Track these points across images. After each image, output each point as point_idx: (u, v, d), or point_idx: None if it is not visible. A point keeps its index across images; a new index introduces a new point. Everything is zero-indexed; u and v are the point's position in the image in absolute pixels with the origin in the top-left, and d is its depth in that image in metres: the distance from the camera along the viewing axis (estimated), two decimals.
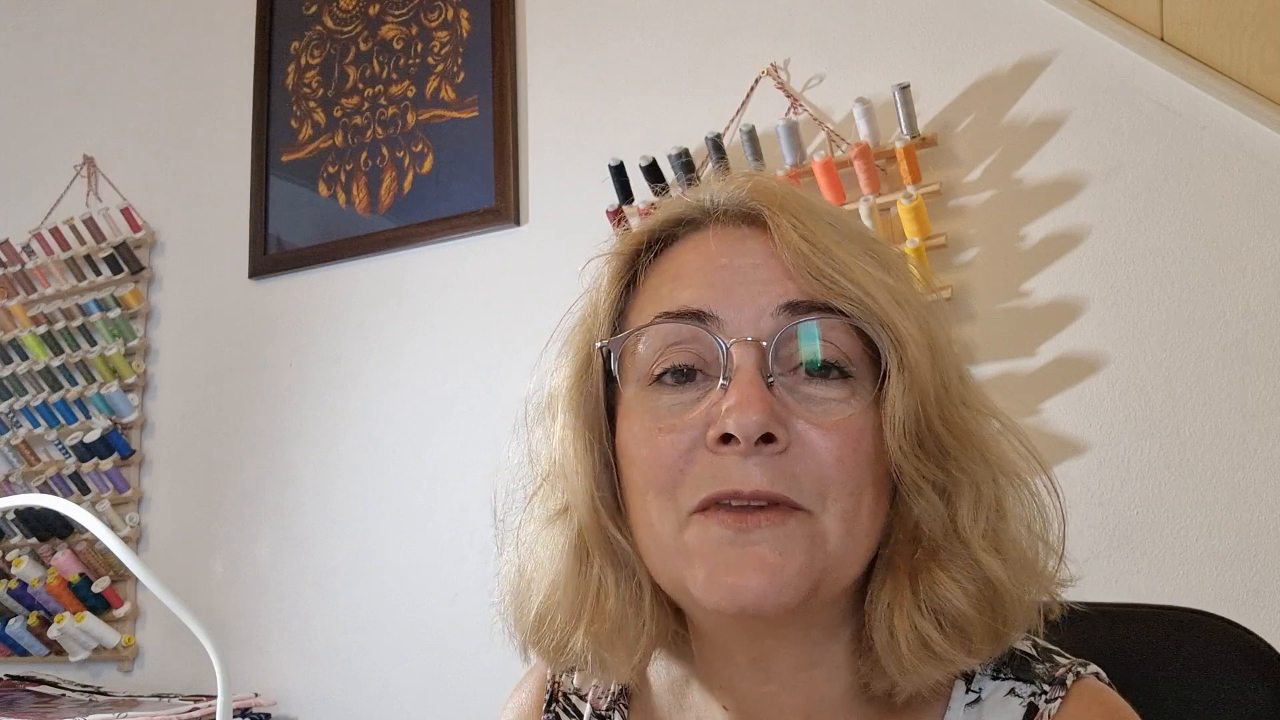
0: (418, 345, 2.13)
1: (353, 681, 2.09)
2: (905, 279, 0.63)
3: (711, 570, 0.58)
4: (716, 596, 0.57)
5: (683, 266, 0.64)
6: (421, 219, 2.14)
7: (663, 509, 0.60)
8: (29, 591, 2.32)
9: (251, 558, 2.24)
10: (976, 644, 0.60)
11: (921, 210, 1.62)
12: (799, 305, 0.60)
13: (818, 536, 0.58)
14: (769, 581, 0.57)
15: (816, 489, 0.58)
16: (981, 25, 1.69)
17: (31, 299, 2.55)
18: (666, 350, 0.62)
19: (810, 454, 0.58)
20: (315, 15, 2.35)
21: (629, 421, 0.63)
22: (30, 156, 2.71)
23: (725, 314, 0.60)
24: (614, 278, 0.67)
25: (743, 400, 0.57)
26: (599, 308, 0.67)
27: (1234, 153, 1.50)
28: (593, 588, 0.63)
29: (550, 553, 0.65)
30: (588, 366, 0.65)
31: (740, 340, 0.59)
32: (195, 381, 2.39)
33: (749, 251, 0.62)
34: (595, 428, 0.65)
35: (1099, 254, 1.57)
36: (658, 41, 1.97)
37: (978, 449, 0.62)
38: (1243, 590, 1.43)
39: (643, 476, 0.61)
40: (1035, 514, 0.63)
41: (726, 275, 0.62)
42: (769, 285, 0.61)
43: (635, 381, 0.63)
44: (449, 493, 2.04)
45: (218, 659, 0.91)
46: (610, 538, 0.63)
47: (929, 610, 0.59)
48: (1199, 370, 1.49)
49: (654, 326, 0.62)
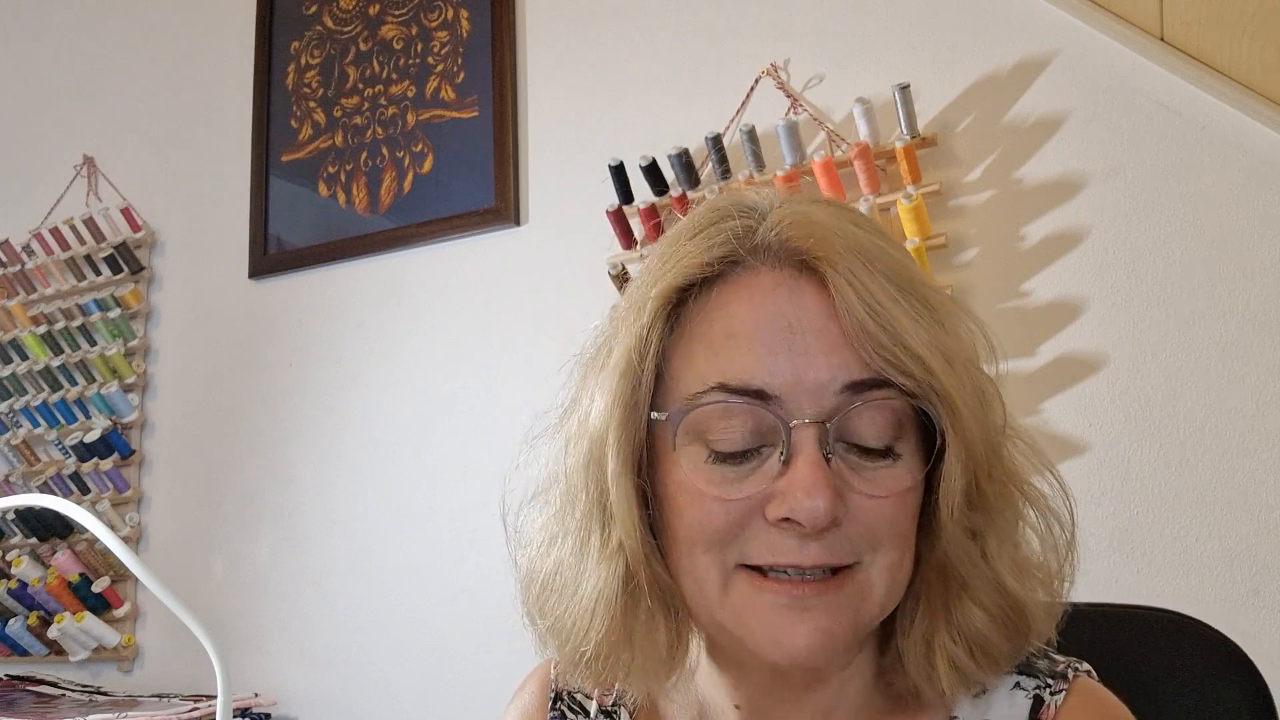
0: (418, 345, 2.13)
1: (353, 681, 2.09)
2: (954, 324, 0.62)
3: (767, 630, 0.59)
4: (771, 653, 0.60)
5: (736, 320, 0.61)
6: (421, 219, 2.14)
7: (709, 563, 0.61)
8: (29, 591, 2.32)
9: (251, 558, 2.24)
10: (1000, 663, 0.64)
11: (921, 210, 1.62)
12: (861, 384, 0.59)
13: (865, 590, 0.60)
14: (822, 641, 0.59)
15: (868, 544, 0.60)
16: (981, 25, 1.69)
17: (31, 299, 2.55)
18: (726, 425, 0.60)
19: (862, 519, 0.59)
20: (315, 15, 2.35)
21: (678, 474, 0.62)
22: (30, 156, 2.71)
23: (787, 391, 0.59)
24: (657, 317, 0.63)
25: (809, 488, 0.57)
26: (644, 351, 0.63)
27: (1234, 153, 1.50)
28: (643, 625, 0.64)
29: (598, 588, 0.64)
30: (633, 412, 0.63)
31: (802, 423, 0.58)
32: (195, 381, 2.39)
33: (806, 308, 0.60)
34: (640, 470, 0.63)
35: (1099, 254, 1.57)
36: (658, 41, 1.97)
37: (1017, 486, 0.64)
38: (1243, 590, 1.43)
39: (689, 532, 0.61)
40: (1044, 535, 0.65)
41: (784, 342, 0.59)
42: (830, 356, 0.59)
43: (694, 440, 0.61)
44: (449, 493, 2.04)
45: (218, 659, 0.91)
46: (658, 577, 0.63)
47: (961, 637, 0.62)
48: (1199, 370, 1.49)
49: (714, 403, 0.60)
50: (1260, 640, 1.41)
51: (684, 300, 0.63)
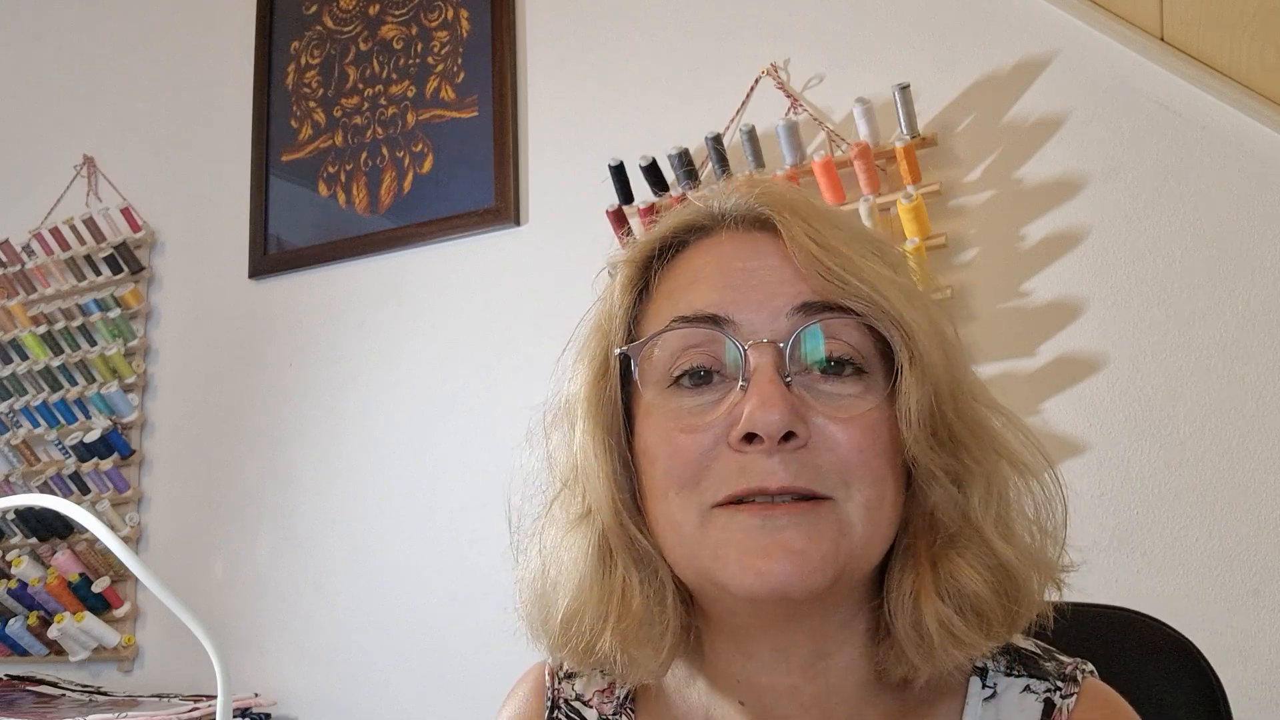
0: (418, 345, 2.13)
1: (353, 681, 2.09)
2: (910, 277, 0.66)
3: (741, 556, 0.59)
4: (747, 581, 0.59)
5: (697, 270, 0.66)
6: (421, 219, 2.14)
7: (684, 505, 0.62)
8: (29, 591, 2.32)
9: (251, 558, 2.24)
10: (995, 627, 0.62)
11: (921, 210, 1.62)
12: (813, 305, 0.62)
13: (843, 524, 0.60)
14: (798, 565, 0.59)
15: (839, 478, 0.60)
16: (981, 25, 1.69)
17: (31, 299, 2.55)
18: (684, 353, 0.63)
19: (831, 446, 0.60)
20: (315, 15, 2.35)
21: (649, 422, 0.64)
22: (30, 156, 2.71)
23: (741, 317, 0.62)
24: (627, 285, 0.69)
25: (764, 400, 0.59)
26: (614, 315, 0.68)
27: (1234, 153, 1.50)
28: (618, 588, 0.65)
29: (574, 556, 0.66)
30: (605, 372, 0.67)
31: (757, 342, 0.61)
32: (195, 381, 2.39)
33: (762, 254, 0.64)
34: (614, 431, 0.66)
35: (1099, 254, 1.57)
36: (658, 41, 1.97)
37: (988, 440, 0.64)
38: (1243, 590, 1.43)
39: (664, 475, 0.63)
40: (1040, 504, 0.65)
41: (740, 278, 0.63)
42: (782, 286, 0.62)
43: (654, 384, 0.64)
44: (449, 493, 2.04)
45: (218, 659, 0.91)
46: (632, 538, 0.65)
47: (950, 595, 0.61)
48: (1199, 370, 1.49)
49: (672, 331, 0.64)
50: (1260, 640, 1.41)
51: (650, 267, 0.69)
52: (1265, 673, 1.41)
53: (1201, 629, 0.88)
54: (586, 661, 0.67)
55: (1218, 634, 1.42)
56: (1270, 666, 1.41)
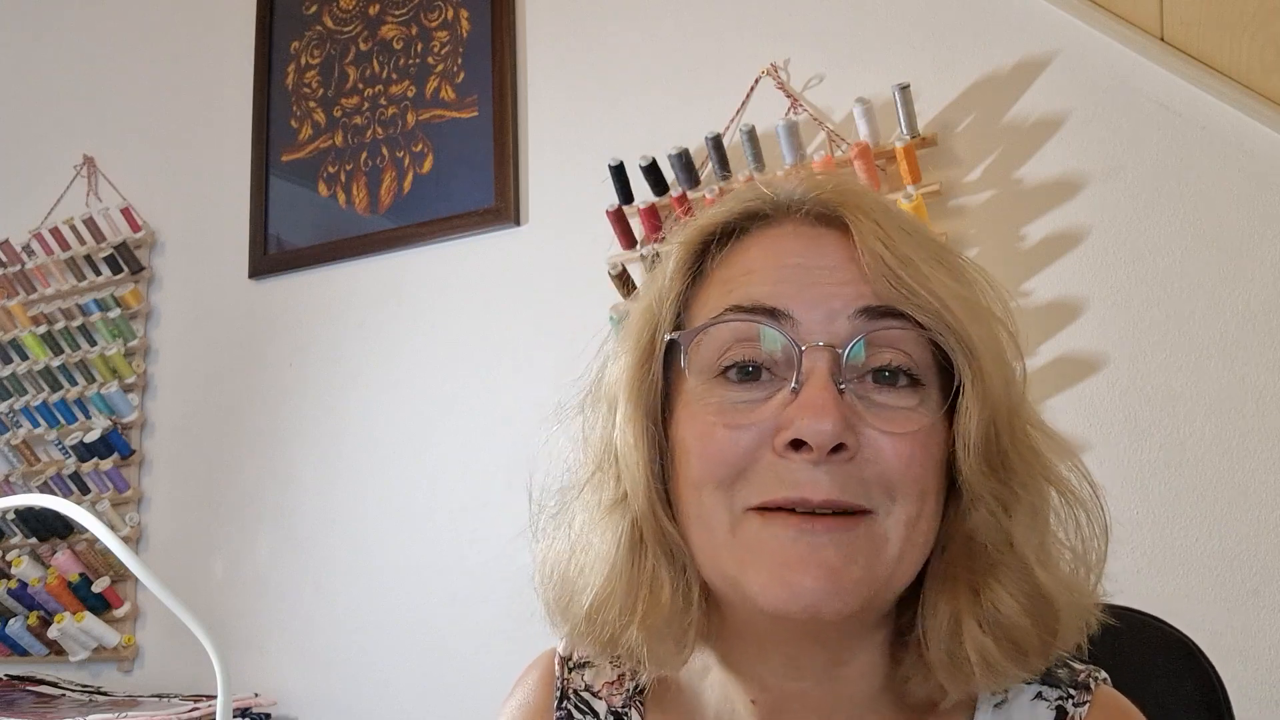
0: (418, 345, 2.13)
1: (353, 681, 2.09)
2: (981, 292, 0.62)
3: (773, 567, 0.57)
4: (776, 595, 0.57)
5: (754, 261, 0.62)
6: (421, 219, 2.14)
7: (716, 504, 0.59)
8: (29, 591, 2.32)
9: (251, 558, 2.24)
10: (1031, 658, 0.60)
11: (921, 210, 1.62)
12: (875, 310, 0.59)
13: (879, 539, 0.58)
14: (831, 585, 0.56)
15: (884, 492, 0.58)
16: (981, 25, 1.69)
17: (31, 299, 2.55)
18: (735, 345, 0.60)
19: (878, 459, 0.58)
20: (315, 15, 2.35)
21: (689, 413, 0.61)
22: (30, 156, 2.71)
23: (799, 313, 0.59)
24: (679, 267, 0.65)
25: (818, 409, 0.56)
26: (664, 298, 0.64)
27: (1234, 153, 1.50)
28: (647, 578, 0.62)
29: (605, 542, 0.63)
30: (649, 356, 0.64)
31: (813, 345, 0.58)
32: (195, 381, 2.39)
33: (825, 252, 0.61)
34: (653, 418, 0.63)
35: (1099, 254, 1.57)
36: (658, 41, 1.97)
37: (1039, 467, 0.61)
38: (1243, 590, 1.43)
39: (699, 470, 0.60)
40: (1086, 537, 0.64)
41: (801, 274, 0.60)
42: (844, 287, 0.59)
43: (699, 372, 0.61)
44: (449, 493, 2.04)
45: (218, 659, 0.91)
46: (664, 529, 0.62)
47: (989, 624, 0.59)
48: (1199, 370, 1.49)
49: (725, 321, 0.61)
50: (1260, 640, 1.41)
51: (706, 252, 0.65)
52: (1265, 672, 1.41)
53: (1201, 629, 0.87)
54: (608, 652, 0.65)
55: (1218, 634, 1.42)
56: (1270, 666, 1.41)
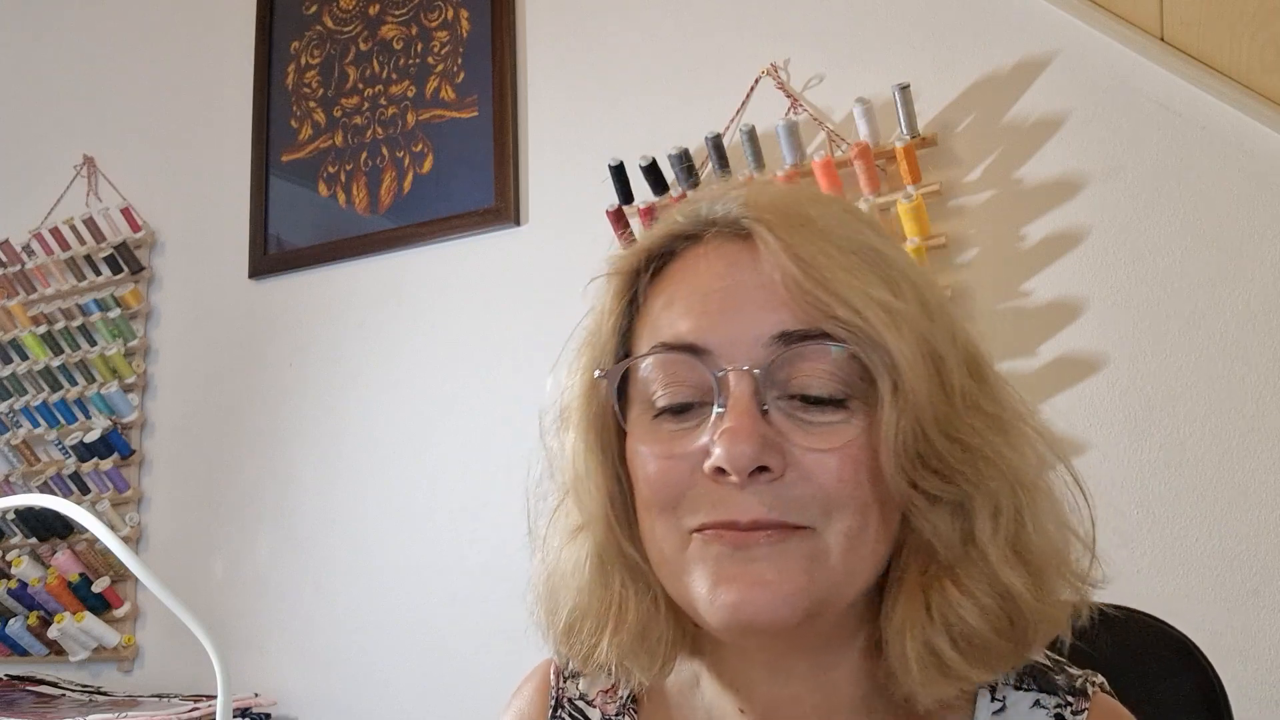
0: (418, 345, 2.13)
1: (353, 682, 2.09)
2: (906, 287, 0.61)
3: (713, 585, 0.58)
4: (717, 614, 0.58)
5: (678, 290, 0.64)
6: (421, 219, 2.14)
7: (666, 527, 0.61)
8: (29, 591, 2.32)
9: (251, 558, 2.24)
10: (995, 659, 0.60)
11: (921, 210, 1.62)
12: (792, 335, 0.59)
13: (818, 553, 0.58)
14: (767, 598, 0.57)
15: (820, 508, 0.58)
16: (981, 25, 1.69)
17: (31, 299, 2.55)
18: (665, 386, 0.62)
19: (809, 477, 0.58)
20: (315, 15, 2.35)
21: (634, 441, 0.64)
22: (30, 156, 2.71)
23: (719, 345, 0.60)
24: (616, 296, 0.67)
25: (734, 434, 0.57)
26: (603, 328, 0.67)
27: (1234, 153, 1.50)
28: (614, 600, 0.65)
29: (573, 566, 0.67)
30: (594, 387, 0.66)
31: (735, 369, 0.59)
32: (195, 381, 2.39)
33: (744, 272, 0.61)
34: (607, 445, 0.66)
35: (1099, 254, 1.57)
36: (658, 41, 1.97)
37: (991, 459, 0.60)
38: (1243, 590, 1.43)
39: (646, 497, 0.62)
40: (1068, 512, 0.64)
41: (719, 301, 0.61)
42: (761, 312, 0.60)
43: (640, 403, 0.64)
44: (449, 493, 2.04)
45: (218, 659, 0.91)
46: (625, 553, 0.65)
47: (942, 626, 0.59)
48: (1199, 370, 1.49)
49: (652, 357, 0.63)
50: (1260, 640, 1.41)
51: (641, 278, 0.67)
52: (1265, 672, 1.41)
53: (1201, 629, 0.87)
54: (589, 665, 0.67)
55: (1218, 634, 1.42)
56: (1270, 666, 1.41)
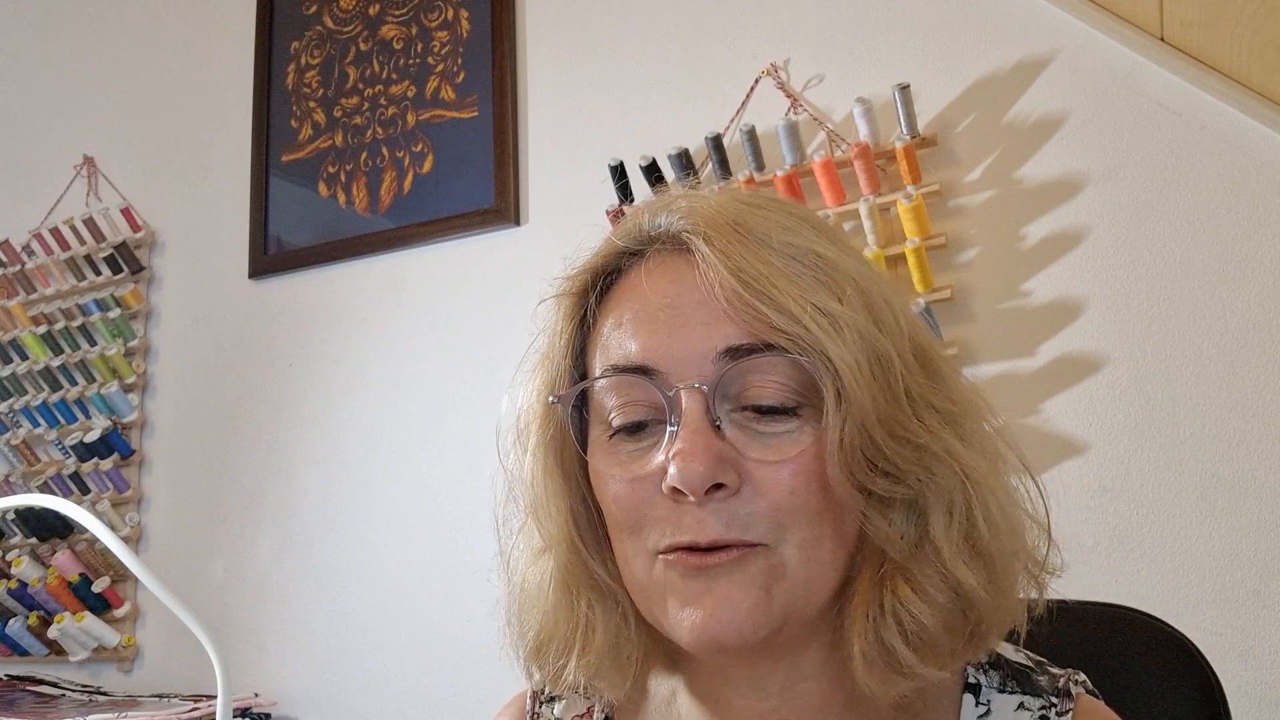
0: (417, 345, 2.13)
1: (353, 682, 2.09)
2: (850, 291, 0.60)
3: (680, 606, 0.60)
4: (686, 636, 0.59)
5: (626, 309, 0.64)
6: (421, 219, 2.14)
7: (634, 548, 0.62)
8: (29, 591, 2.32)
9: (251, 558, 2.24)
10: (945, 656, 0.60)
11: (921, 210, 1.62)
12: (738, 350, 0.59)
13: (776, 568, 0.59)
14: (729, 617, 0.58)
15: (773, 522, 0.59)
16: (981, 25, 1.69)
17: (31, 299, 2.55)
18: (619, 406, 0.62)
19: (763, 491, 0.59)
20: (315, 15, 2.35)
21: (595, 463, 0.64)
22: (30, 156, 2.71)
23: (669, 364, 0.60)
24: (567, 317, 0.67)
25: (687, 453, 0.58)
26: (555, 349, 0.67)
27: (1234, 153, 1.50)
28: (580, 622, 0.65)
29: (539, 586, 0.67)
30: (551, 410, 0.66)
31: (686, 388, 0.59)
32: (195, 381, 2.39)
33: (688, 287, 0.61)
34: (568, 466, 0.66)
35: (1099, 254, 1.57)
36: (658, 42, 1.97)
37: (941, 456, 0.60)
38: (1243, 590, 1.43)
39: (613, 520, 0.63)
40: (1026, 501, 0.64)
41: (665, 319, 0.61)
42: (708, 328, 0.60)
43: (598, 423, 0.64)
44: (449, 493, 2.04)
45: (218, 659, 0.91)
46: (593, 573, 0.65)
47: (894, 624, 0.60)
48: (1199, 370, 1.49)
49: (603, 380, 0.63)
50: (1260, 640, 1.41)
51: (589, 297, 0.67)
52: (1265, 672, 1.41)
53: (1201, 629, 0.88)
54: (561, 685, 0.67)
55: (1218, 634, 1.42)
56: (1270, 666, 1.41)
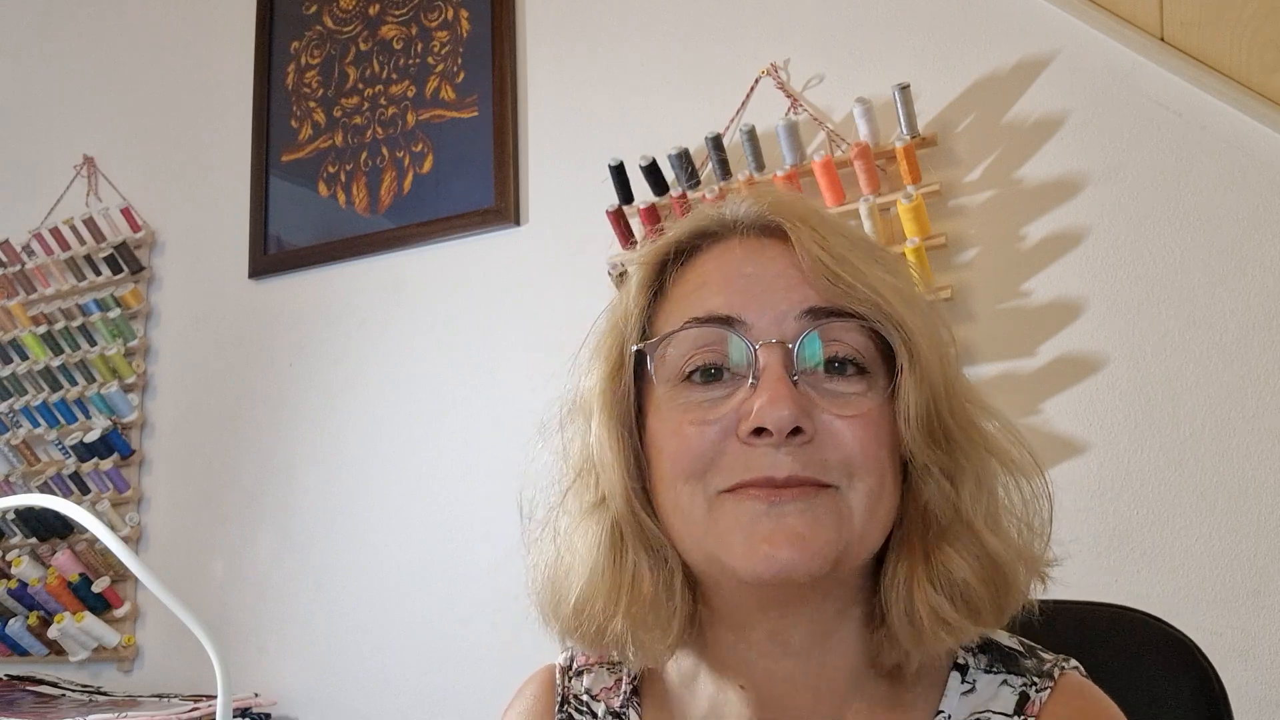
0: (417, 345, 2.13)
1: (353, 682, 2.09)
2: (911, 283, 0.69)
3: (747, 539, 0.62)
4: (752, 564, 0.62)
5: (709, 275, 0.69)
6: (421, 219, 2.14)
7: (692, 494, 0.65)
8: (29, 591, 2.32)
9: (251, 558, 2.24)
10: (983, 615, 0.65)
11: (921, 210, 1.62)
12: (819, 311, 0.65)
13: (845, 510, 0.63)
14: (800, 549, 0.62)
15: (844, 469, 0.64)
16: (981, 25, 1.69)
17: (31, 299, 2.55)
18: (696, 352, 0.67)
19: (835, 441, 0.63)
20: (315, 15, 2.35)
21: (659, 416, 0.68)
22: (30, 156, 2.71)
23: (751, 318, 0.65)
24: (642, 285, 0.72)
25: (774, 397, 0.62)
26: (630, 314, 0.71)
27: (1234, 153, 1.50)
28: (629, 573, 0.68)
29: (588, 543, 0.69)
30: (620, 369, 0.70)
31: (767, 343, 0.64)
32: (195, 381, 2.39)
33: (771, 261, 0.68)
34: (628, 424, 0.69)
35: (1099, 254, 1.57)
36: (658, 42, 1.97)
37: (979, 439, 0.67)
38: (1243, 590, 1.43)
39: (672, 465, 0.66)
40: (1029, 500, 0.69)
41: (750, 283, 0.67)
42: (790, 292, 0.66)
43: (666, 380, 0.68)
44: (449, 493, 2.04)
45: (218, 659, 0.91)
46: (643, 525, 0.68)
47: (942, 584, 0.64)
48: (1199, 370, 1.50)
49: (685, 331, 0.67)
50: (1260, 640, 1.41)
51: (665, 269, 0.72)
52: (1265, 672, 1.41)
53: (1201, 629, 0.88)
54: (598, 645, 0.70)
55: (1218, 634, 1.42)
56: (1270, 666, 1.41)
